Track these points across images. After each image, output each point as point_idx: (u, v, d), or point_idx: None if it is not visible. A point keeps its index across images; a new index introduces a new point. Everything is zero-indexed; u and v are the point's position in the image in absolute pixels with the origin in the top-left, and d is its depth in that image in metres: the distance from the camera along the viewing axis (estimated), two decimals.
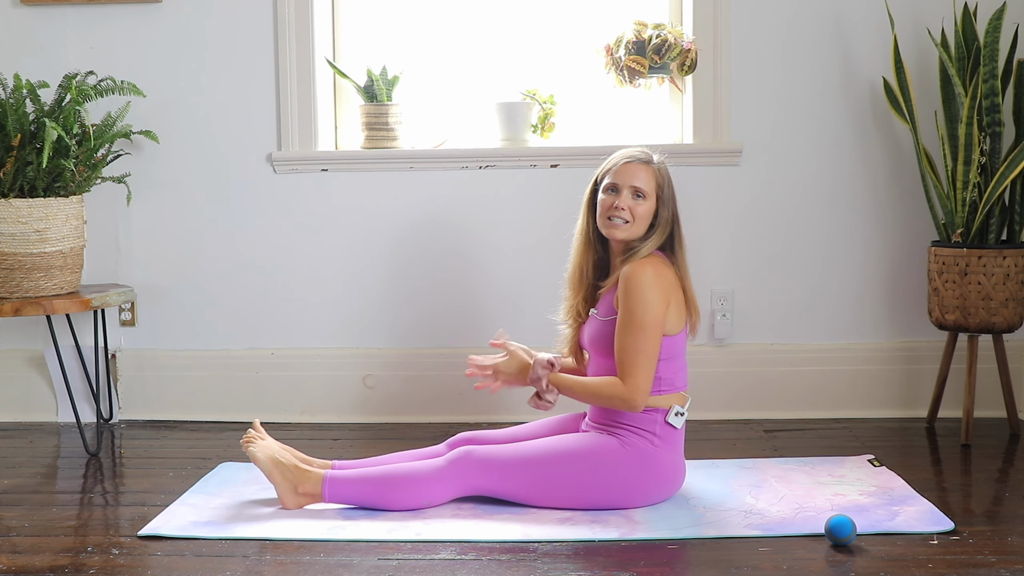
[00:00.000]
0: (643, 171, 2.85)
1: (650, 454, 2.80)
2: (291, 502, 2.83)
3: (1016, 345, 3.75)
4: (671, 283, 2.81)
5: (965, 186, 3.44)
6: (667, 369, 2.82)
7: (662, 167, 2.88)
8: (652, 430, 2.81)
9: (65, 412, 3.88)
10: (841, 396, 3.81)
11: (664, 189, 2.85)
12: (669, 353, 2.82)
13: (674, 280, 2.83)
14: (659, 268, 2.80)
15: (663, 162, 2.90)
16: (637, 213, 2.83)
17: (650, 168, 2.86)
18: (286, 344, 3.89)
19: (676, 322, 2.82)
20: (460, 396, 3.83)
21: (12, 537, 2.70)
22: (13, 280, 3.46)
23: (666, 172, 2.88)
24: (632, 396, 2.75)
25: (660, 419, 2.81)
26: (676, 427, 2.83)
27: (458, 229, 3.83)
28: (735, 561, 2.46)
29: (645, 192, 2.83)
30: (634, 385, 2.75)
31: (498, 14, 3.94)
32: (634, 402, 2.76)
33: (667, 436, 2.82)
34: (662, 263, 2.83)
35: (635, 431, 2.80)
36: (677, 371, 2.85)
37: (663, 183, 2.86)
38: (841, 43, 3.74)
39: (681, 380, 2.87)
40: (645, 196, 2.84)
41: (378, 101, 3.82)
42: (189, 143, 3.86)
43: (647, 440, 2.80)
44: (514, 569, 2.44)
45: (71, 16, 3.83)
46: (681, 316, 2.84)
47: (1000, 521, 2.75)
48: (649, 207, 2.84)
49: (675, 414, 2.82)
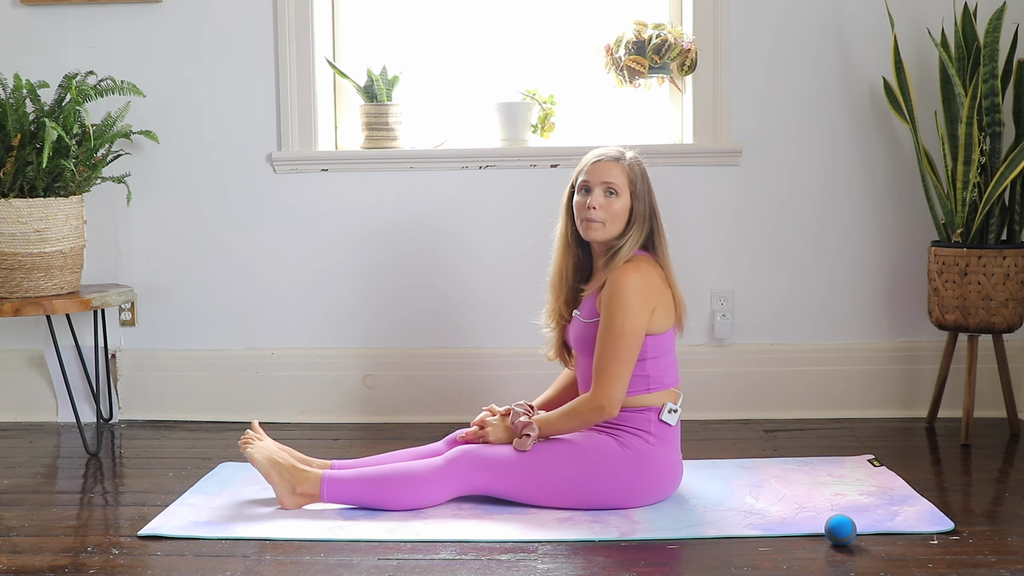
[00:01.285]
0: (614, 168, 2.84)
1: (646, 453, 2.80)
2: (289, 502, 2.83)
3: (1016, 345, 3.75)
4: (657, 287, 2.81)
5: (965, 186, 3.44)
6: (656, 367, 2.82)
7: (634, 162, 2.87)
8: (647, 429, 2.81)
9: (65, 412, 3.88)
10: (841, 396, 3.81)
11: (637, 184, 2.84)
12: (657, 351, 2.82)
13: (660, 283, 2.82)
14: (646, 273, 2.79)
15: (635, 157, 2.89)
16: (611, 211, 2.82)
17: (620, 164, 2.85)
18: (286, 344, 3.89)
19: (664, 321, 2.82)
20: (460, 396, 3.83)
21: (12, 537, 2.70)
22: (13, 280, 3.46)
23: (639, 167, 2.87)
24: (602, 403, 2.76)
25: (654, 417, 2.81)
26: (670, 424, 2.83)
27: (458, 229, 3.83)
28: (735, 561, 2.46)
29: (617, 188, 2.82)
30: (607, 392, 2.76)
31: (498, 14, 3.94)
32: (605, 410, 2.77)
33: (662, 434, 2.82)
34: (648, 265, 2.82)
35: (631, 431, 2.80)
36: (666, 368, 2.85)
37: (635, 178, 2.85)
38: (841, 43, 3.74)
39: (671, 376, 2.87)
40: (618, 192, 2.83)
41: (378, 101, 3.82)
42: (189, 143, 3.86)
43: (643, 439, 2.80)
44: (514, 569, 2.44)
45: (71, 16, 3.83)
46: (669, 315, 2.84)
47: (1000, 521, 2.75)
48: (624, 203, 2.83)
49: (668, 411, 2.82)
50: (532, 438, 2.80)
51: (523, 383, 3.73)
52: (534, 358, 3.85)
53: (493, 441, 2.86)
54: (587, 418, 2.80)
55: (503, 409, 2.95)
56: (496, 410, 2.95)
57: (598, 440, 2.80)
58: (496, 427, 2.88)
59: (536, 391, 3.49)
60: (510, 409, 2.92)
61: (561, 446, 2.81)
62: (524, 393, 3.62)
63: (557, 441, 2.83)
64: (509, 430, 2.87)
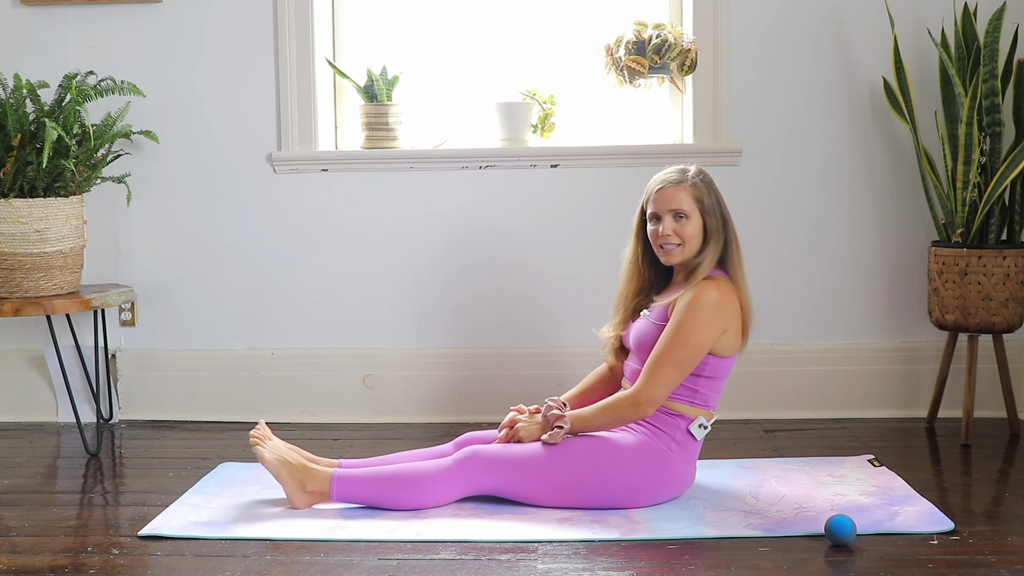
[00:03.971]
0: (678, 192, 2.86)
1: (664, 458, 2.80)
2: (300, 501, 2.83)
3: (1016, 345, 3.75)
4: (734, 310, 2.83)
5: (965, 186, 3.44)
6: (708, 386, 2.85)
7: (697, 179, 2.88)
8: (672, 435, 2.82)
9: (65, 412, 3.88)
10: (841, 396, 3.81)
11: (705, 200, 2.86)
12: (715, 373, 2.84)
13: (736, 308, 2.84)
14: (726, 294, 2.81)
15: (699, 171, 2.91)
16: (684, 234, 2.85)
17: (683, 187, 2.87)
18: (286, 344, 3.89)
19: (730, 345, 2.84)
20: (460, 396, 3.83)
21: (12, 537, 2.70)
22: (13, 280, 3.46)
23: (703, 183, 2.88)
24: (641, 401, 2.77)
25: (683, 426, 2.82)
26: (696, 439, 2.84)
27: (458, 229, 3.83)
28: (735, 561, 2.46)
29: (686, 211, 2.85)
30: (650, 391, 2.77)
31: (498, 14, 3.94)
32: (642, 407, 2.77)
33: (685, 444, 2.83)
34: (729, 287, 2.84)
35: (656, 431, 2.81)
36: (716, 391, 2.88)
37: (702, 195, 2.87)
38: (841, 43, 3.74)
39: (715, 401, 2.88)
40: (687, 215, 2.85)
41: (378, 101, 3.82)
42: (189, 143, 3.86)
43: (664, 444, 2.81)
44: (514, 569, 2.44)
45: (71, 16, 3.83)
46: (736, 341, 2.85)
47: (1000, 521, 2.75)
48: (695, 224, 2.86)
49: (699, 426, 2.83)
50: (564, 431, 2.80)
51: (523, 383, 3.73)
52: (533, 358, 3.86)
53: (525, 438, 2.86)
54: (623, 413, 2.80)
55: (532, 407, 2.95)
56: (525, 408, 2.96)
57: (613, 439, 2.81)
58: (527, 425, 2.88)
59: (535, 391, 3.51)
60: (539, 408, 2.93)
61: (575, 444, 2.81)
62: (524, 393, 3.63)
63: (570, 439, 2.82)
64: (541, 426, 2.87)
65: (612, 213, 3.76)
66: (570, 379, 3.60)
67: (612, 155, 3.78)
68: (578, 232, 3.81)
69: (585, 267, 3.80)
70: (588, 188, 3.80)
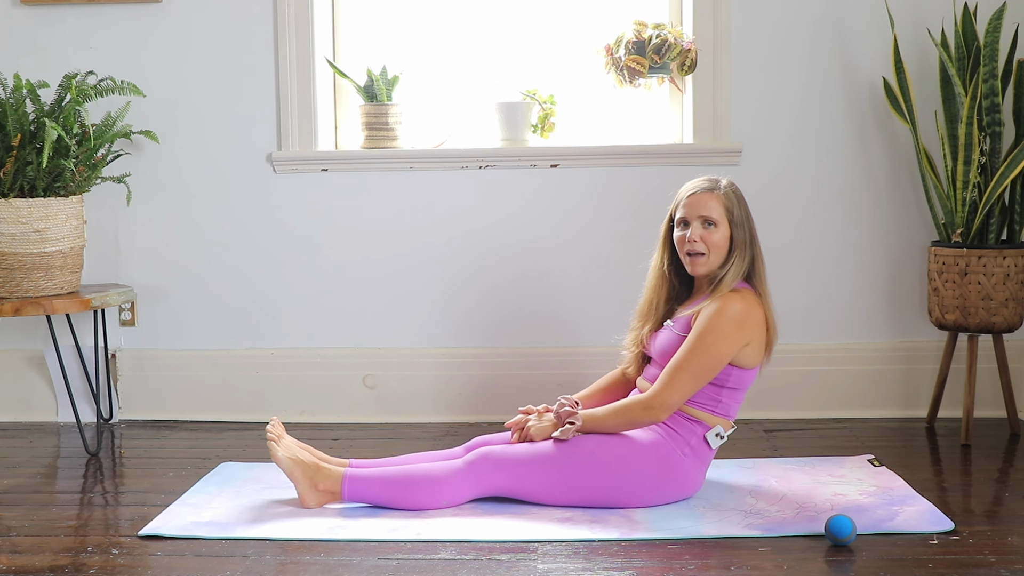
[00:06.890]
0: (709, 199, 2.86)
1: (675, 461, 2.80)
2: (311, 500, 2.82)
3: (1016, 345, 3.75)
4: (758, 323, 2.82)
5: (965, 186, 3.44)
6: (730, 397, 2.85)
7: (729, 190, 2.89)
8: (687, 439, 2.82)
9: (65, 412, 3.88)
10: (841, 396, 3.81)
11: (734, 211, 2.87)
12: (738, 384, 2.85)
13: (761, 321, 2.83)
14: (751, 307, 2.81)
15: (730, 183, 2.91)
16: (711, 242, 2.85)
17: (715, 195, 2.87)
18: (286, 344, 3.89)
19: (752, 358, 2.84)
20: (460, 396, 3.83)
21: (12, 537, 2.70)
22: (13, 280, 3.46)
23: (733, 194, 2.89)
24: (655, 405, 2.77)
25: (700, 433, 2.83)
26: (711, 447, 2.85)
27: (457, 229, 3.83)
28: (735, 561, 2.46)
29: (715, 219, 2.85)
30: (665, 396, 2.76)
31: (498, 14, 3.94)
32: (655, 412, 2.77)
33: (699, 450, 2.83)
34: (754, 300, 2.84)
35: (670, 432, 2.81)
36: (737, 402, 2.88)
37: (732, 206, 2.87)
38: (841, 43, 3.74)
39: (735, 411, 2.88)
40: (716, 223, 2.85)
41: (378, 101, 3.83)
42: (189, 143, 3.86)
43: (678, 447, 2.81)
44: (514, 569, 2.44)
45: (71, 16, 3.83)
46: (758, 354, 2.85)
47: (1000, 521, 2.75)
48: (723, 233, 2.86)
49: (716, 435, 2.83)
50: (575, 427, 2.80)
51: (522, 382, 3.73)
52: (532, 358, 3.86)
53: (536, 437, 2.85)
54: (635, 416, 2.79)
55: (541, 407, 2.95)
56: (533, 409, 2.95)
57: (630, 433, 2.81)
58: (539, 424, 2.88)
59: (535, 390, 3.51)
60: (548, 408, 2.93)
61: (587, 440, 2.81)
62: (524, 392, 3.63)
63: (582, 437, 2.82)
64: (553, 424, 2.87)
65: (612, 213, 3.76)
66: (568, 378, 3.61)
67: (612, 155, 3.78)
68: (578, 232, 3.81)
69: (585, 267, 3.80)
70: (588, 188, 3.80)
